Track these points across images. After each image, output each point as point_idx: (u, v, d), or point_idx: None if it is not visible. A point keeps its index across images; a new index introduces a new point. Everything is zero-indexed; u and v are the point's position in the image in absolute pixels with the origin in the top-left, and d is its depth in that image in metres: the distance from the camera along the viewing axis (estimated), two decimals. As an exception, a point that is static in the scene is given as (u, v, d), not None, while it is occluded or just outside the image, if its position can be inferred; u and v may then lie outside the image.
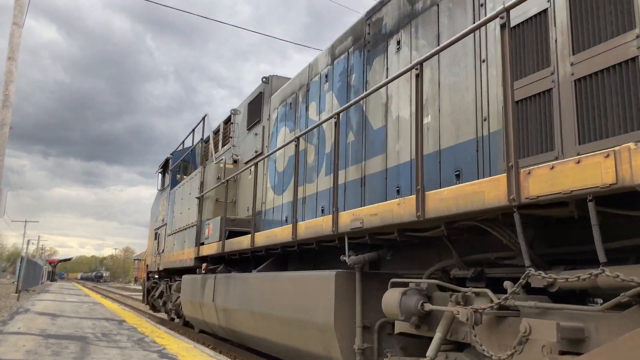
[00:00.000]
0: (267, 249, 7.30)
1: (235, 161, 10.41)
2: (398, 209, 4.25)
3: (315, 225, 5.64)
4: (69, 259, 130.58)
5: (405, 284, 4.47)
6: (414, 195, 4.04)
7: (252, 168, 9.06)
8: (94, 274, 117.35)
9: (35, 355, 6.08)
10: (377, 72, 5.95)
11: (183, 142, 13.25)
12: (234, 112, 10.89)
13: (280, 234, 6.52)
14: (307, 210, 7.28)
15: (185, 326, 12.79)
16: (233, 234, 8.66)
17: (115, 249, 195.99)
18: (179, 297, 12.10)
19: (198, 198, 10.46)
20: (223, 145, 11.40)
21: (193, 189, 11.02)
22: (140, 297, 37.14)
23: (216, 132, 12.11)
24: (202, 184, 10.55)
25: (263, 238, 7.05)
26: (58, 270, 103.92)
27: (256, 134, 9.48)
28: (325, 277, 5.26)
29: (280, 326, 6.19)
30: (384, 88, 5.57)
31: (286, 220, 7.80)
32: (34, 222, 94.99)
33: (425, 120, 4.92)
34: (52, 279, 79.58)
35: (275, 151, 7.61)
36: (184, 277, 10.89)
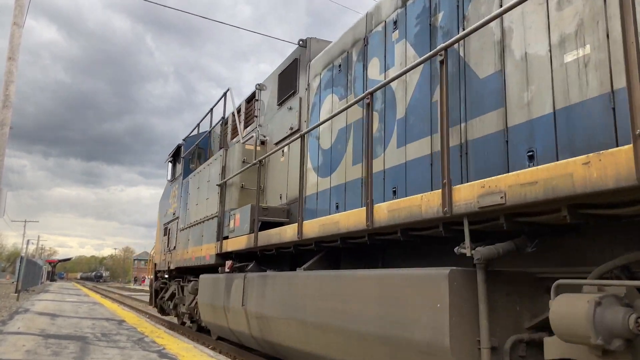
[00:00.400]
0: (319, 242, 5.71)
1: (262, 142, 8.80)
2: (585, 171, 2.66)
3: (408, 206, 4.04)
4: (69, 259, 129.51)
5: (579, 287, 2.90)
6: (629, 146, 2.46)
7: (291, 145, 7.47)
8: (93, 274, 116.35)
9: (34, 355, 5.96)
10: (481, 2, 4.36)
11: (198, 125, 11.55)
12: (259, 87, 9.28)
13: (345, 222, 4.93)
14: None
15: (200, 332, 11.18)
16: (263, 226, 7.08)
17: (115, 249, 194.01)
18: (194, 299, 10.48)
19: (219, 185, 8.85)
20: (246, 127, 9.80)
21: (212, 175, 9.40)
22: (141, 297, 36.27)
23: (238, 111, 10.51)
24: (223, 169, 8.93)
25: (316, 227, 5.45)
26: (58, 270, 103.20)
27: (290, 109, 7.87)
28: (432, 278, 3.66)
29: (352, 343, 4.58)
30: (496, 22, 4.00)
31: (337, 207, 6.21)
32: (33, 222, 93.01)
33: (581, 52, 3.37)
34: (51, 279, 79.23)
35: (320, 124, 6.04)
36: (202, 277, 9.27)
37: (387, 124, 5.44)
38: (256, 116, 9.34)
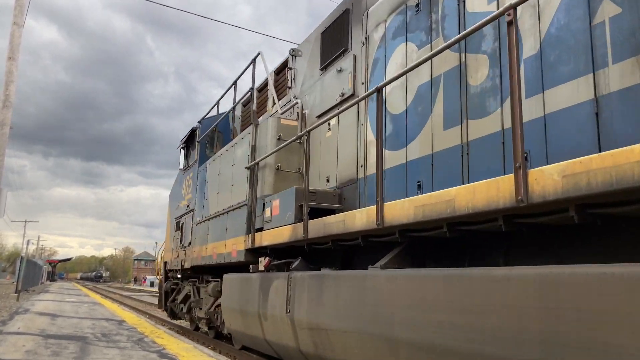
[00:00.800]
0: (405, 231, 4.16)
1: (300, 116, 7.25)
2: None
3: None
4: (69, 259, 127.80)
5: None
6: None
7: (341, 116, 5.92)
8: (93, 274, 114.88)
9: (34, 356, 5.85)
10: None
11: (218, 103, 9.92)
12: (294, 53, 7.72)
13: (465, 198, 3.36)
14: (467, 163, 4.16)
15: (218, 339, 9.62)
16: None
17: (115, 249, 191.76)
18: (214, 302, 8.91)
19: (249, 168, 7.29)
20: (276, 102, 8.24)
21: (239, 158, 7.84)
22: (142, 297, 34.56)
23: (261, 89, 8.94)
24: (253, 149, 7.37)
25: (409, 210, 3.89)
26: (58, 270, 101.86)
27: (340, 71, 6.31)
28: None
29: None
30: None
31: (419, 186, 4.66)
32: (34, 222, 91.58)
33: None
34: (51, 279, 78.14)
35: (393, 80, 4.48)
36: (227, 277, 7.70)
37: (503, 69, 3.89)
38: (290, 87, 7.78)
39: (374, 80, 5.62)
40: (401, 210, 3.99)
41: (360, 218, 4.52)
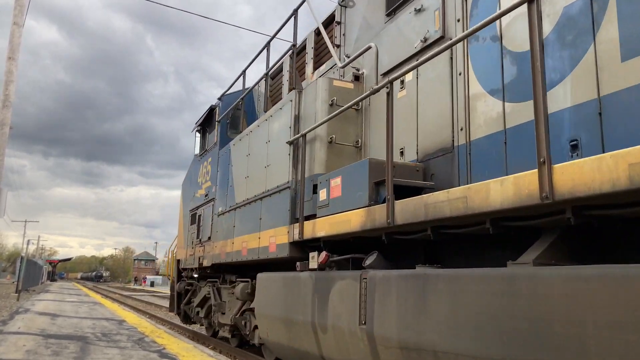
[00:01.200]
0: (581, 208, 2.67)
1: (356, 78, 5.74)
2: None
3: None
4: (69, 259, 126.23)
5: None
6: None
7: (421, 70, 4.43)
8: (93, 274, 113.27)
9: (35, 355, 5.76)
10: None
11: (244, 72, 8.28)
12: (344, 3, 6.21)
13: None
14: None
15: (241, 347, 8.14)
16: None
17: (115, 249, 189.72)
18: (242, 307, 7.40)
19: (291, 143, 5.79)
20: (317, 68, 6.75)
21: (276, 132, 6.34)
22: (142, 297, 32.90)
23: (300, 52, 7.41)
24: (297, 118, 5.86)
25: (604, 175, 2.39)
26: (58, 270, 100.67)
27: (419, 10, 4.79)
28: None
29: None
30: None
31: (573, 147, 3.17)
32: (34, 222, 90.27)
33: None
34: (52, 279, 77.15)
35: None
36: (264, 276, 6.19)
37: None
38: (338, 45, 6.27)
39: (479, 13, 4.12)
40: (592, 172, 2.48)
41: (499, 191, 3.01)
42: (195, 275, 9.51)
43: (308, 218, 5.35)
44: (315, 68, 6.79)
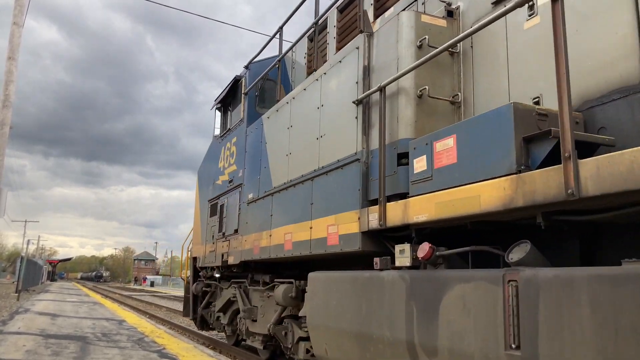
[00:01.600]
0: None
1: (450, 13, 4.31)
2: None
3: None
4: (69, 259, 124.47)
5: None
6: None
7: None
8: (93, 274, 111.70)
9: (35, 355, 5.67)
10: None
11: (281, 28, 6.78)
12: None
13: None
14: None
15: (273, 359, 6.71)
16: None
17: (115, 249, 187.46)
18: (282, 313, 5.94)
19: (359, 102, 4.37)
20: (379, 14, 5.31)
21: (334, 92, 4.94)
22: (142, 297, 31.11)
23: (343, 9, 5.97)
24: (367, 70, 4.44)
25: None
26: (58, 270, 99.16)
27: None
28: None
29: None
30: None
31: None
32: (34, 222, 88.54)
33: None
34: (52, 279, 75.78)
35: None
36: (319, 276, 4.75)
37: None
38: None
39: None
40: None
41: None
42: (217, 275, 8.03)
43: (389, 199, 3.91)
44: (377, 15, 5.34)
